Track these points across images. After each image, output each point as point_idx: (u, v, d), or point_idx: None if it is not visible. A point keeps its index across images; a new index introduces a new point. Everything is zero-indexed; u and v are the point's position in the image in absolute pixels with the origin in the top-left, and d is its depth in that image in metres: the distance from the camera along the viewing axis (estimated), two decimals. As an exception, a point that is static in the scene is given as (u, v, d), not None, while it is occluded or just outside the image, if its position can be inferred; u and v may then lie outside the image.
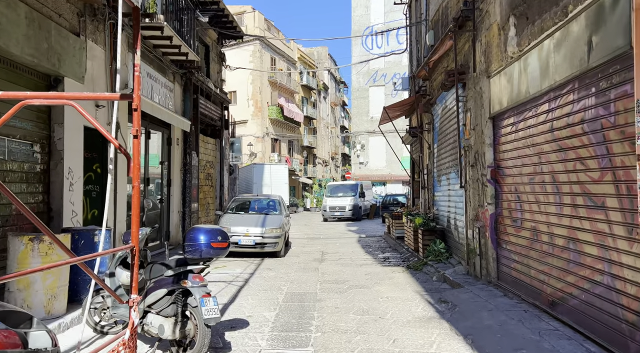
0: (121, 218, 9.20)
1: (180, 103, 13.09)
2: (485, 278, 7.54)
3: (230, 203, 13.67)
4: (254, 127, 44.63)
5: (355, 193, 28.61)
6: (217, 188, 16.82)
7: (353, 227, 23.24)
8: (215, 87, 15.92)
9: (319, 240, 17.08)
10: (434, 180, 11.93)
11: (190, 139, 13.50)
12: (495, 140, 7.32)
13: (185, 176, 13.27)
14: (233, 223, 12.30)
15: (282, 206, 13.64)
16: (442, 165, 10.83)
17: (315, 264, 11.31)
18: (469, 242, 8.25)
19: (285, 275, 9.80)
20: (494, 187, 7.34)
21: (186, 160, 13.31)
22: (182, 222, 13.16)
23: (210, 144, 16.33)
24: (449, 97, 9.84)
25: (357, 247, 14.92)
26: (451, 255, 9.98)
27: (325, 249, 14.33)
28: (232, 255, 12.38)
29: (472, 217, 8.13)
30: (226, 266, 10.91)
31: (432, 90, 11.87)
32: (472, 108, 8.10)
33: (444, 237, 10.60)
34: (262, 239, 11.96)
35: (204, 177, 15.59)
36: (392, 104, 13.58)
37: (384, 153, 44.32)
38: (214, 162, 16.61)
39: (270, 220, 12.56)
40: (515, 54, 6.28)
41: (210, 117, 15.81)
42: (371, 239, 17.13)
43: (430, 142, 12.19)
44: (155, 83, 11.11)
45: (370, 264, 11.22)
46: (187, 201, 13.24)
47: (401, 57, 43.89)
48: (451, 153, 9.85)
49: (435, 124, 11.77)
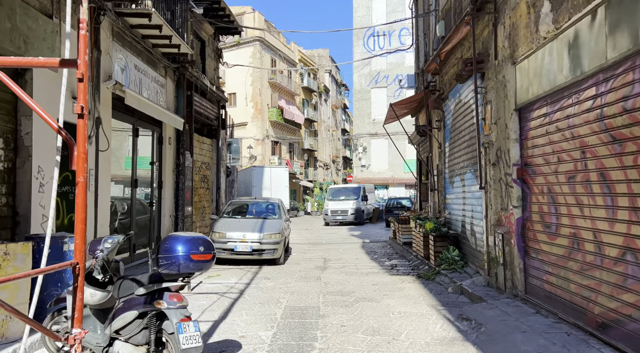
0: (103, 223, 8.33)
1: (172, 99, 12.25)
2: (511, 291, 6.66)
3: (227, 207, 12.81)
4: (253, 130, 43.82)
5: (357, 196, 27.74)
6: (213, 191, 15.96)
7: (356, 232, 22.36)
8: (211, 84, 15.09)
9: (321, 246, 16.20)
10: (446, 182, 11.06)
11: (184, 138, 12.65)
12: (522, 135, 6.46)
13: (178, 178, 12.41)
14: (229, 228, 11.44)
15: (281, 210, 12.77)
16: (455, 165, 9.96)
17: (317, 273, 10.43)
18: (489, 250, 7.37)
19: (284, 286, 8.92)
20: (521, 188, 6.47)
21: (179, 160, 12.45)
22: (174, 227, 12.29)
23: (206, 144, 15.48)
24: (464, 90, 8.99)
25: (361, 253, 14.04)
26: (466, 264, 9.10)
27: (327, 256, 13.45)
28: (228, 263, 11.51)
29: (494, 222, 7.26)
30: (220, 275, 10.03)
31: (443, 84, 11.02)
32: (493, 100, 7.24)
33: (458, 244, 9.72)
34: (259, 245, 11.09)
35: (199, 179, 14.73)
36: (399, 101, 12.73)
37: (386, 156, 43.48)
38: (210, 163, 15.75)
39: (268, 225, 11.69)
40: (550, 33, 5.42)
41: (206, 115, 14.97)
42: (376, 245, 16.24)
43: (440, 140, 11.33)
44: (144, 76, 10.27)
45: (377, 273, 10.33)
46: (180, 204, 12.38)
47: (404, 58, 43.14)
48: (467, 151, 8.98)
49: (446, 121, 10.91)
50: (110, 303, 4.27)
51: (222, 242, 11.09)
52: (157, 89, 11.07)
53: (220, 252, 11.14)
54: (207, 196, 15.52)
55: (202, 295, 8.00)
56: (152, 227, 11.12)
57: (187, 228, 12.87)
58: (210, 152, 15.85)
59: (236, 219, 12.14)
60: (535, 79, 5.87)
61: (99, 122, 7.93)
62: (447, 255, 9.45)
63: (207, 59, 15.67)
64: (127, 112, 9.84)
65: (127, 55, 9.38)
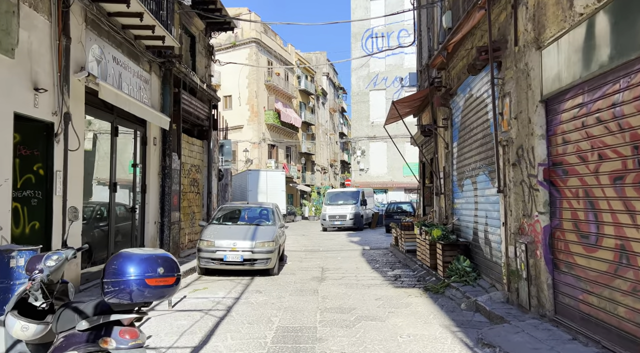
0: (75, 232, 7.42)
1: (158, 97, 11.37)
2: (536, 310, 5.78)
3: (217, 213, 11.90)
4: (250, 133, 42.96)
5: (356, 201, 26.85)
6: (204, 195, 15.06)
7: (355, 238, 21.46)
8: (202, 82, 14.22)
9: (318, 254, 15.30)
10: (454, 185, 10.19)
11: (171, 139, 11.76)
12: (550, 130, 5.60)
13: (164, 181, 11.52)
14: (218, 235, 10.53)
15: (276, 215, 11.87)
16: (466, 166, 9.10)
17: (314, 284, 9.54)
18: (509, 262, 6.49)
19: (277, 300, 8.02)
20: (548, 191, 5.60)
21: (165, 162, 11.56)
22: (160, 235, 11.38)
23: (197, 145, 14.60)
24: (477, 83, 8.14)
25: (361, 261, 13.14)
26: (479, 276, 8.21)
27: (325, 264, 12.55)
28: (217, 274, 10.60)
29: (514, 230, 6.38)
30: (207, 288, 9.12)
31: (450, 79, 10.18)
32: (513, 92, 6.39)
33: (469, 253, 8.84)
34: (251, 255, 10.19)
35: (189, 183, 13.84)
36: (402, 98, 11.89)
37: (385, 159, 42.65)
38: (200, 166, 14.86)
39: (261, 232, 10.80)
40: (589, 7, 4.57)
41: (196, 115, 14.09)
42: (376, 252, 15.35)
43: (448, 140, 10.47)
44: (125, 70, 9.39)
45: (380, 285, 9.44)
46: (166, 210, 11.47)
47: (402, 60, 42.40)
48: (479, 151, 8.12)
49: (454, 119, 10.06)
50: (50, 337, 3.38)
51: (211, 251, 10.19)
52: (140, 85, 10.19)
53: (208, 262, 10.25)
54: (197, 201, 14.62)
55: (183, 313, 7.09)
56: (134, 235, 10.20)
57: (174, 235, 11.96)
58: (201, 154, 14.97)
59: (226, 226, 11.23)
60: (568, 64, 5.01)
61: (67, 118, 7.04)
62: (457, 265, 8.57)
63: (198, 55, 14.81)
64: (105, 108, 8.97)
65: (104, 45, 8.50)
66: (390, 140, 41.89)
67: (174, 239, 11.89)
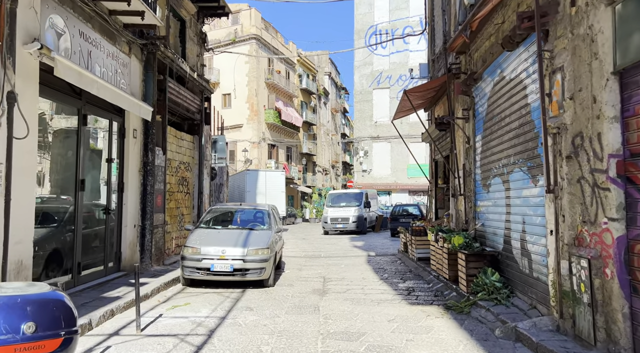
0: (22, 239, 6.09)
1: (139, 83, 10.04)
2: (605, 345, 4.43)
3: (205, 215, 10.56)
4: (249, 132, 41.67)
5: (359, 203, 25.49)
6: (194, 195, 13.73)
7: (358, 242, 20.10)
8: (192, 71, 12.90)
9: (320, 260, 13.95)
10: (477, 185, 8.84)
11: (154, 131, 10.43)
12: (627, 110, 4.26)
13: (146, 179, 10.18)
14: (205, 241, 9.20)
15: (272, 219, 10.53)
16: (493, 163, 7.75)
17: (315, 299, 8.19)
18: (561, 281, 5.14)
19: (271, 321, 6.68)
20: (624, 191, 4.26)
21: (147, 158, 10.23)
22: (140, 240, 10.04)
23: (186, 141, 13.27)
24: (511, 62, 6.79)
25: (367, 270, 11.79)
26: (513, 293, 6.86)
27: (327, 273, 11.20)
28: (204, 285, 9.26)
29: (569, 240, 5.03)
30: (190, 304, 7.78)
31: (473, 63, 8.84)
32: (567, 65, 5.04)
33: (497, 265, 7.49)
34: (243, 264, 8.85)
35: (177, 182, 12.51)
36: (414, 87, 10.55)
37: (389, 160, 41.28)
38: (190, 163, 13.53)
39: (255, 237, 9.46)
40: None
41: (186, 107, 12.77)
42: (383, 259, 13.98)
43: (469, 133, 9.12)
44: (96, 49, 8.06)
45: (392, 301, 8.09)
46: (148, 211, 10.13)
47: (407, 58, 41.06)
48: (513, 143, 6.77)
49: (477, 109, 8.72)
50: None
51: (196, 259, 8.85)
52: (116, 68, 8.87)
53: (193, 272, 8.91)
54: (186, 202, 13.28)
55: (153, 340, 5.75)
56: (108, 240, 8.86)
57: (158, 240, 10.62)
58: (191, 151, 13.64)
59: (215, 230, 9.89)
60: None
61: (12, 99, 5.71)
62: (485, 280, 7.21)
63: (189, 42, 13.49)
64: (71, 92, 7.65)
65: (69, 17, 7.18)
66: (394, 140, 40.65)
67: (157, 245, 10.55)
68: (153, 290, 8.30)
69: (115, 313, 6.76)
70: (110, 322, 6.47)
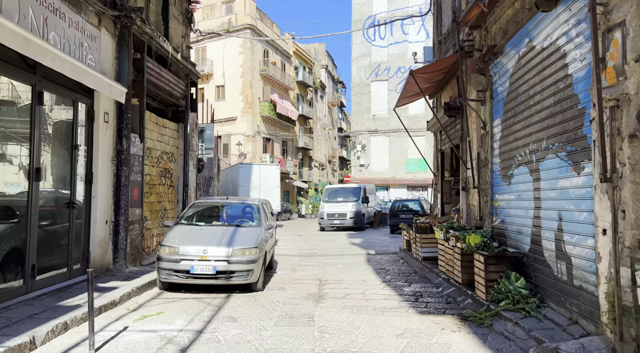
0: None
1: (111, 61, 8.88)
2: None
3: (187, 210, 9.42)
4: (243, 125, 40.47)
5: (357, 198, 24.39)
6: (179, 189, 12.59)
7: (356, 239, 19.02)
8: (175, 51, 11.74)
9: (315, 259, 12.87)
10: (494, 176, 7.75)
11: (129, 116, 9.28)
12: None
13: (119, 169, 9.05)
14: (185, 240, 8.09)
15: (262, 214, 9.42)
16: (518, 149, 6.66)
17: (310, 306, 7.11)
18: (620, 293, 4.06)
19: (256, 335, 5.59)
20: None
21: (122, 146, 9.09)
22: (113, 237, 8.92)
23: (170, 129, 12.13)
24: (545, 27, 5.67)
25: (368, 271, 10.71)
26: (544, 303, 5.79)
27: (323, 275, 10.12)
28: (184, 289, 8.16)
29: (632, 242, 3.95)
30: (163, 313, 6.68)
31: (491, 37, 7.74)
32: (633, 18, 3.95)
33: (522, 268, 6.42)
34: (227, 265, 7.75)
35: (158, 173, 11.37)
36: (421, 68, 9.45)
37: (387, 154, 40.17)
38: (174, 153, 12.39)
39: (242, 235, 8.36)
40: None
41: (169, 91, 11.62)
42: (384, 258, 12.90)
43: (485, 118, 8.02)
44: (54, 16, 6.91)
45: (397, 308, 7.01)
46: (122, 206, 9.01)
47: (407, 49, 39.85)
48: (547, 124, 5.67)
49: (496, 89, 7.61)
50: None
51: (174, 260, 7.74)
52: (81, 41, 7.71)
53: (170, 275, 7.80)
54: (170, 195, 12.15)
55: (107, 364, 4.65)
56: (72, 238, 7.72)
57: (134, 238, 9.50)
58: (176, 140, 12.50)
59: (197, 227, 8.76)
60: None
61: None
62: (508, 286, 6.14)
63: (172, 21, 12.32)
64: (24, 65, 6.50)
65: (17, -26, 6.02)
66: (392, 134, 39.56)
67: (132, 243, 9.43)
68: (123, 296, 7.19)
69: (69, 327, 5.65)
70: (61, 338, 5.36)
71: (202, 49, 42.28)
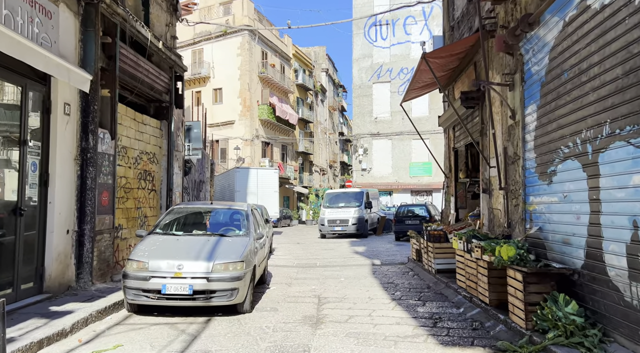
0: None
1: (73, 43, 7.61)
2: None
3: (163, 217, 8.10)
4: (242, 129, 39.23)
5: (359, 203, 23.06)
6: (162, 193, 11.30)
7: (359, 247, 17.68)
8: (156, 40, 10.48)
9: (315, 271, 11.54)
10: (527, 174, 6.43)
11: (96, 108, 8.01)
12: None
13: (85, 170, 7.76)
14: (157, 253, 6.78)
15: (251, 222, 8.10)
16: (563, 139, 5.34)
17: (305, 335, 5.79)
18: None
19: (233, 383, 4.27)
20: None
21: (87, 143, 7.80)
22: (77, 249, 7.61)
23: (151, 126, 10.85)
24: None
25: (374, 285, 9.38)
26: (607, 336, 4.45)
27: (323, 291, 8.80)
28: (156, 311, 6.84)
29: None
30: (122, 346, 5.35)
31: (520, 9, 6.45)
32: None
33: (570, 288, 5.10)
34: (206, 284, 6.44)
35: (136, 176, 10.09)
36: (435, 51, 8.18)
37: (390, 158, 38.83)
38: (157, 154, 11.11)
39: (226, 247, 7.05)
40: None
41: (150, 84, 10.35)
42: (391, 270, 11.57)
43: (514, 106, 6.72)
44: (-8, -19, 5.65)
45: (413, 336, 5.69)
46: (87, 213, 7.71)
47: (409, 50, 38.64)
48: (611, 103, 4.37)
49: (530, 69, 6.32)
50: None
51: (142, 278, 6.43)
52: (30, 15, 6.45)
53: (138, 296, 6.50)
54: (151, 201, 10.86)
55: None
56: (19, 252, 6.41)
57: (103, 250, 8.19)
58: (158, 139, 11.22)
59: (173, 237, 7.44)
60: None
61: None
62: (556, 312, 4.82)
63: (154, 6, 11.08)
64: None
65: None
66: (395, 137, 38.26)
67: (101, 255, 8.12)
68: (77, 322, 5.88)
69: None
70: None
71: (198, 51, 41.14)
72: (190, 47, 41.37)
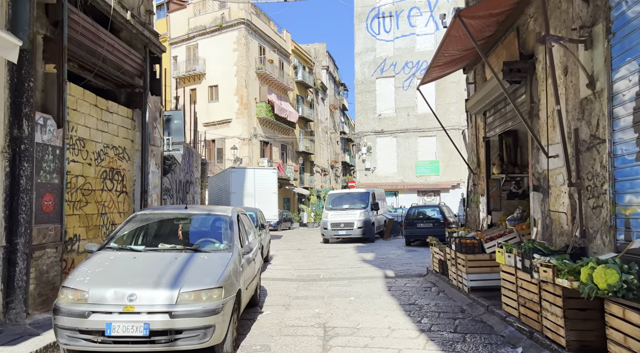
0: None
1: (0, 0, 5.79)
2: None
3: (121, 227, 6.22)
4: (239, 128, 37.40)
5: (365, 204, 21.18)
6: (135, 196, 9.46)
7: (367, 254, 15.81)
8: (123, 9, 8.65)
9: (318, 286, 9.67)
10: (618, 163, 4.58)
11: (34, 86, 6.18)
12: None
13: (17, 167, 5.93)
14: (101, 277, 4.94)
15: (236, 232, 6.23)
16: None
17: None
18: None
19: None
20: None
21: (21, 131, 5.97)
22: (6, 270, 5.78)
23: (120, 115, 9.02)
24: None
25: (392, 307, 7.52)
26: None
27: (329, 316, 6.93)
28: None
29: None
30: None
31: None
32: None
33: None
34: (169, 321, 4.58)
35: (99, 175, 8.25)
36: (473, 7, 6.36)
37: (395, 157, 36.92)
38: (127, 148, 9.28)
39: (198, 267, 5.20)
40: None
41: (116, 64, 8.52)
42: (410, 284, 9.70)
43: (595, 70, 4.88)
44: None
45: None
46: (21, 222, 5.88)
47: (414, 43, 36.78)
48: None
49: (622, 15, 4.48)
50: None
51: (79, 313, 4.59)
52: None
53: (74, 339, 4.64)
54: (121, 205, 9.02)
55: None
56: None
57: (45, 271, 6.34)
58: (130, 131, 9.38)
59: (129, 254, 5.56)
60: None
61: None
62: None
63: (123, -28, 9.24)
64: None
65: None
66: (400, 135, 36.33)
67: (42, 278, 6.28)
68: (-21, 383, 4.04)
69: None
70: None
71: (193, 47, 39.33)
72: (185, 43, 39.62)
